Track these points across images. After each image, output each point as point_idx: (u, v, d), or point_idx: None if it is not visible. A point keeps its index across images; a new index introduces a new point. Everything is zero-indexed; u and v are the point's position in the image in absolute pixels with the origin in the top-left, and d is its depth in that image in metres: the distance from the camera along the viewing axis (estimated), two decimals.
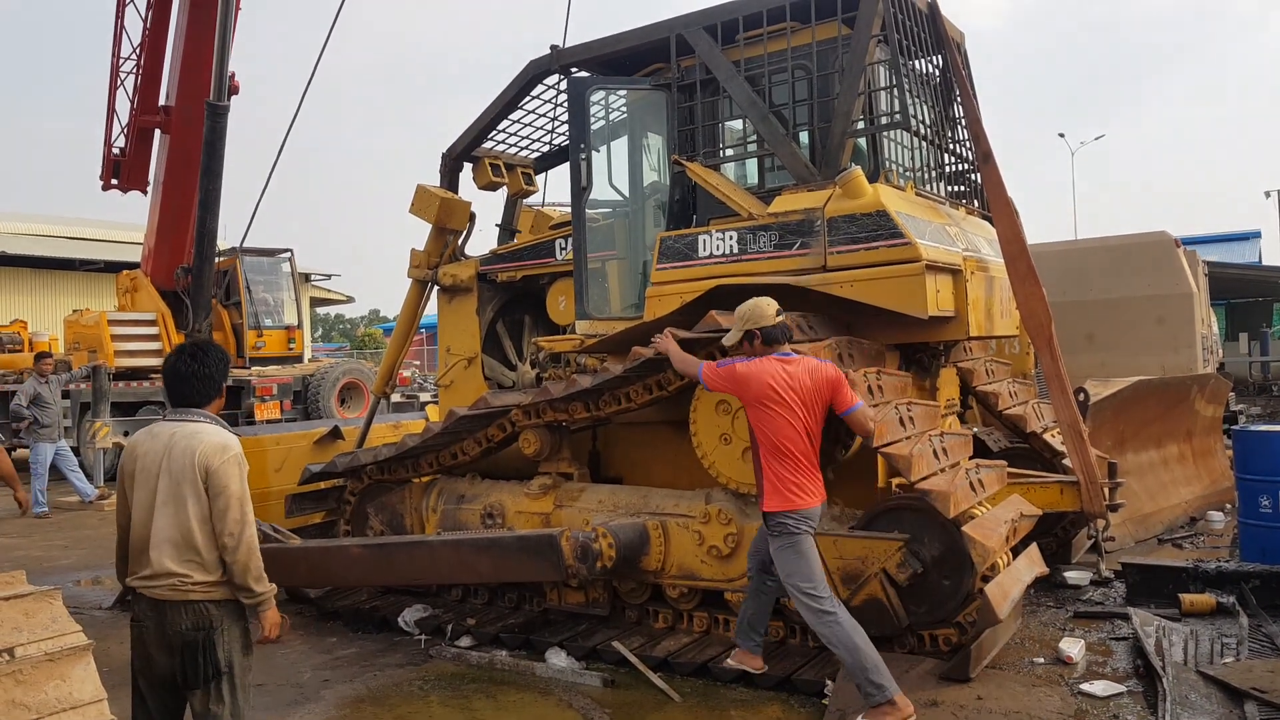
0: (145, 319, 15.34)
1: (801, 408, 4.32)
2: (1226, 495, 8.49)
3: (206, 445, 3.27)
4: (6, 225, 30.53)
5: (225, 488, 3.24)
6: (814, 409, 4.37)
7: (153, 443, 3.35)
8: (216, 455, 3.26)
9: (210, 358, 3.45)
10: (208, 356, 3.45)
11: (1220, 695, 4.30)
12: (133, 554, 3.35)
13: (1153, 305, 11.96)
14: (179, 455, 3.26)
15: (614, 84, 6.45)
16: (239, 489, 3.27)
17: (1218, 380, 9.52)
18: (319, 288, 32.22)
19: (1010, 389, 6.67)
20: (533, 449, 5.91)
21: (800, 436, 4.31)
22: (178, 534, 3.23)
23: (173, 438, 3.31)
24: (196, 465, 3.24)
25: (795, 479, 4.30)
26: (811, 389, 4.35)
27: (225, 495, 3.24)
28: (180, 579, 3.22)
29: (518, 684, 5.06)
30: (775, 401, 4.30)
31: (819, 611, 4.20)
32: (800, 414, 4.31)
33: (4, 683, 3.08)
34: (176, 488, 3.24)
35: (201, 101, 11.64)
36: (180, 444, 3.28)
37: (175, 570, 3.21)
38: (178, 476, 3.25)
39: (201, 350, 3.46)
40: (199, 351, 3.45)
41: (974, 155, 5.99)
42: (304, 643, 5.90)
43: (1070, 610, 5.87)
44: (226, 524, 3.23)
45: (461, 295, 7.29)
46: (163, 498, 3.25)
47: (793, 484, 4.29)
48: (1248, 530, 6.55)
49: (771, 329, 4.49)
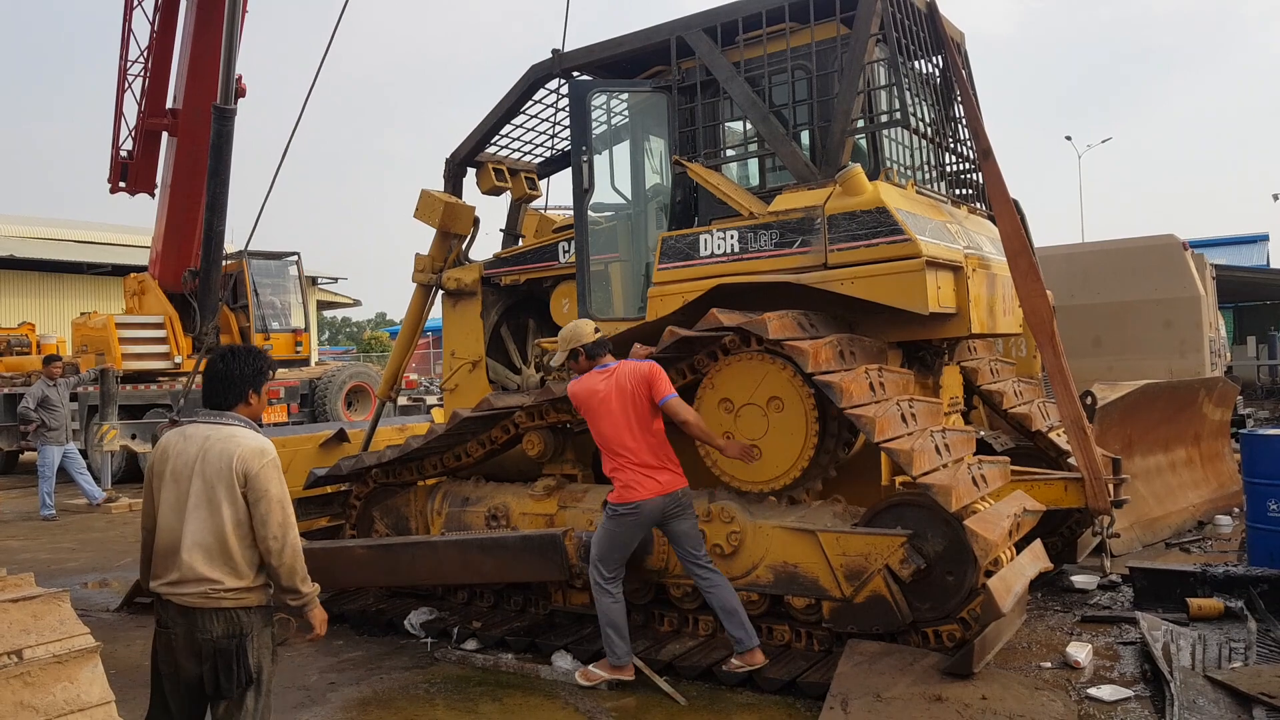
0: (153, 322, 15.41)
1: (622, 410, 4.81)
2: (1234, 499, 8.46)
3: (244, 449, 3.21)
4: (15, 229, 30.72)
5: (266, 492, 3.19)
6: (638, 406, 4.82)
7: (185, 444, 3.28)
8: (255, 460, 3.21)
9: (239, 359, 3.41)
10: (235, 358, 3.42)
11: (1228, 700, 4.27)
12: (158, 557, 3.27)
13: (1160, 308, 11.93)
14: (214, 458, 3.20)
15: (615, 87, 6.48)
16: (279, 492, 3.24)
17: (1225, 384, 9.49)
18: (326, 291, 32.31)
19: (1015, 388, 6.66)
20: (536, 450, 5.92)
21: (626, 435, 4.81)
22: (211, 538, 3.17)
23: (207, 440, 3.25)
24: (234, 470, 3.18)
25: (626, 475, 4.80)
26: (630, 390, 4.83)
27: (267, 499, 3.20)
28: (212, 586, 3.16)
29: (524, 687, 5.07)
30: (597, 410, 4.86)
31: (603, 589, 4.89)
32: (621, 416, 4.82)
33: (12, 685, 3.09)
34: (211, 491, 3.18)
35: (208, 104, 11.70)
36: (215, 447, 3.22)
37: (207, 576, 3.16)
38: (212, 480, 3.19)
39: (233, 352, 3.44)
40: (229, 353, 3.43)
41: (974, 153, 6.00)
42: (310, 645, 5.91)
43: (1077, 614, 5.85)
44: (270, 528, 3.19)
45: (466, 299, 7.31)
46: (195, 501, 3.19)
47: (623, 481, 4.81)
48: (1256, 534, 6.52)
49: (592, 345, 5.06)
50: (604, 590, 4.90)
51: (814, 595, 4.89)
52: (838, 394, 4.59)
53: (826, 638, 4.96)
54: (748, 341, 5.08)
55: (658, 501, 4.83)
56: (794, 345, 4.76)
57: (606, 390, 4.85)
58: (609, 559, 4.91)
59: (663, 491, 4.83)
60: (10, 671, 3.09)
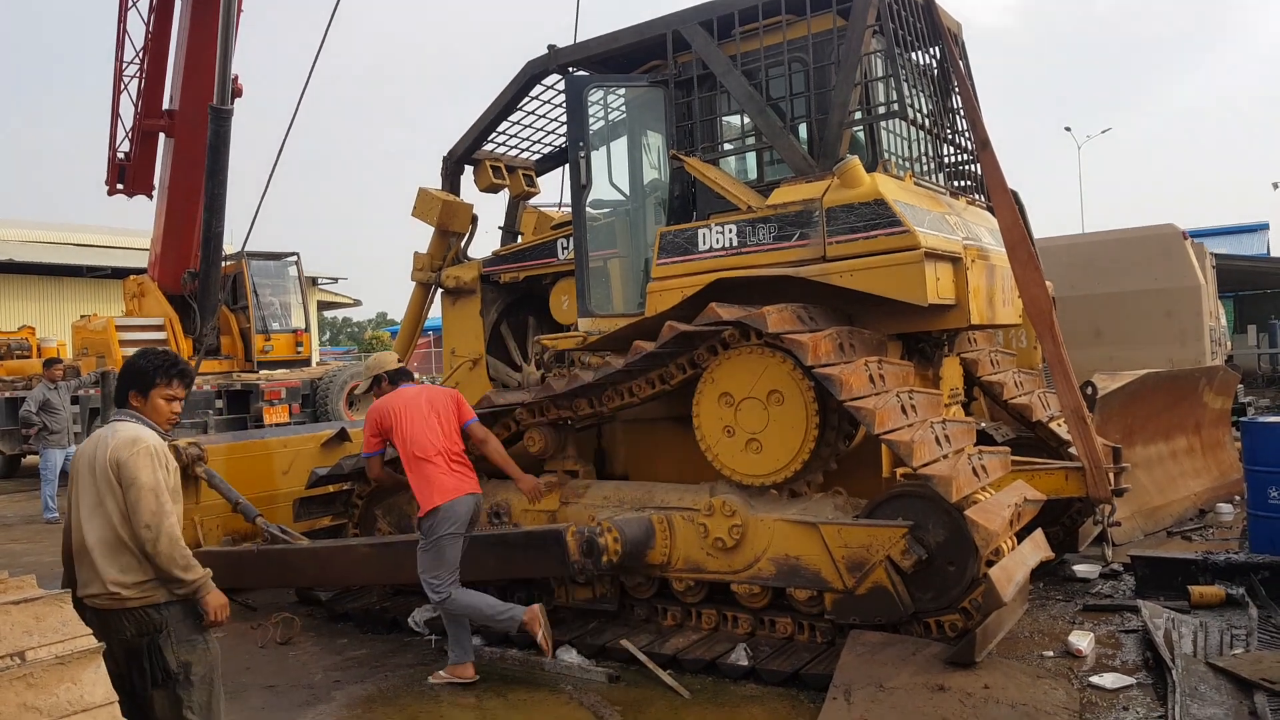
0: (153, 324, 15.39)
1: (431, 411, 5.23)
2: (1235, 487, 8.46)
3: (117, 440, 3.27)
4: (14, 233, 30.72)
5: (135, 479, 3.20)
6: (445, 414, 5.27)
7: (87, 445, 3.37)
8: (125, 449, 3.24)
9: (132, 361, 3.50)
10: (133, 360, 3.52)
11: (1230, 687, 4.28)
12: (75, 562, 3.33)
13: (1160, 298, 11.93)
14: (99, 455, 3.27)
15: (611, 82, 6.47)
16: (150, 479, 3.22)
17: (1226, 372, 9.48)
18: (326, 291, 32.31)
19: (1016, 378, 6.66)
20: (538, 447, 5.93)
21: (436, 434, 5.17)
22: (106, 533, 3.21)
23: (100, 438, 3.34)
24: (109, 462, 3.23)
25: (434, 476, 5.09)
26: (440, 401, 5.32)
27: (135, 487, 3.20)
28: (117, 587, 3.19)
29: (529, 682, 5.08)
30: (402, 411, 5.22)
31: (440, 598, 5.05)
32: (432, 416, 5.21)
33: (15, 686, 3.10)
34: (98, 488, 3.24)
35: (205, 104, 11.69)
36: (102, 443, 3.30)
37: (110, 578, 3.19)
38: (101, 476, 3.24)
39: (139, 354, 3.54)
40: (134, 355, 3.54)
41: (972, 144, 5.99)
42: (315, 644, 5.93)
43: (1079, 603, 5.86)
44: (141, 515, 3.18)
45: (465, 297, 7.31)
46: (91, 500, 3.25)
47: (431, 486, 5.08)
48: (1257, 522, 6.53)
49: (394, 371, 5.58)
50: (445, 599, 5.05)
51: (816, 587, 4.89)
52: (837, 386, 4.59)
53: (829, 630, 4.96)
54: (747, 335, 5.08)
55: (467, 500, 5.14)
56: (793, 338, 4.76)
57: (414, 396, 5.31)
58: (440, 570, 5.07)
59: (472, 490, 5.19)
60: (13, 673, 3.09)
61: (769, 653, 4.96)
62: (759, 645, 5.06)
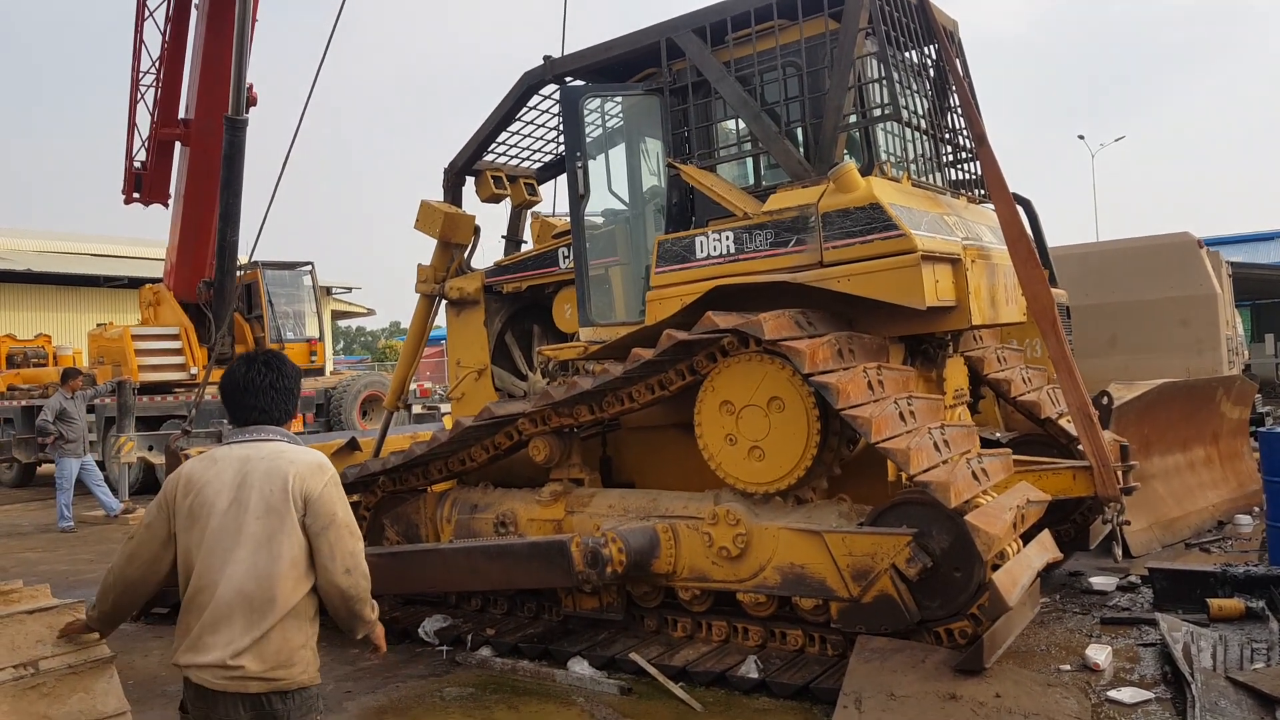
0: (169, 333, 15.51)
1: None
2: (1254, 498, 8.38)
3: (301, 467, 2.70)
4: (32, 243, 31.06)
5: (334, 516, 2.71)
6: None
7: (216, 469, 2.71)
8: (315, 478, 2.71)
9: (288, 368, 2.93)
10: (285, 366, 2.92)
11: (1250, 702, 4.22)
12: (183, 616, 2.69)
13: (1176, 307, 11.84)
14: (262, 482, 2.66)
15: (607, 91, 6.48)
16: (346, 515, 2.75)
17: (1243, 382, 9.40)
18: (339, 300, 32.49)
19: (1023, 375, 6.62)
20: (542, 456, 5.92)
21: None
22: (254, 585, 2.60)
23: (247, 462, 2.70)
24: (290, 492, 2.65)
25: None
26: None
27: (335, 525, 2.70)
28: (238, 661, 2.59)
29: (539, 693, 5.07)
30: None
31: None
32: None
33: (29, 696, 3.11)
34: (260, 523, 2.64)
35: (220, 113, 11.78)
36: (261, 468, 2.68)
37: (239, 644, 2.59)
38: (260, 509, 2.64)
39: (277, 359, 2.93)
40: (274, 360, 2.92)
41: (970, 141, 5.97)
42: (326, 654, 5.86)
43: (1096, 616, 5.80)
44: (339, 558, 2.68)
45: (469, 308, 7.33)
46: (235, 539, 2.63)
47: None
48: (1276, 533, 6.46)
49: None
50: None
51: (822, 596, 4.87)
52: (834, 395, 4.58)
53: (840, 642, 4.93)
54: (746, 343, 5.06)
55: None
56: (790, 346, 4.74)
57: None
58: None
59: None
60: (27, 683, 3.11)
61: (780, 665, 4.94)
62: (769, 657, 5.04)
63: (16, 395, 16.26)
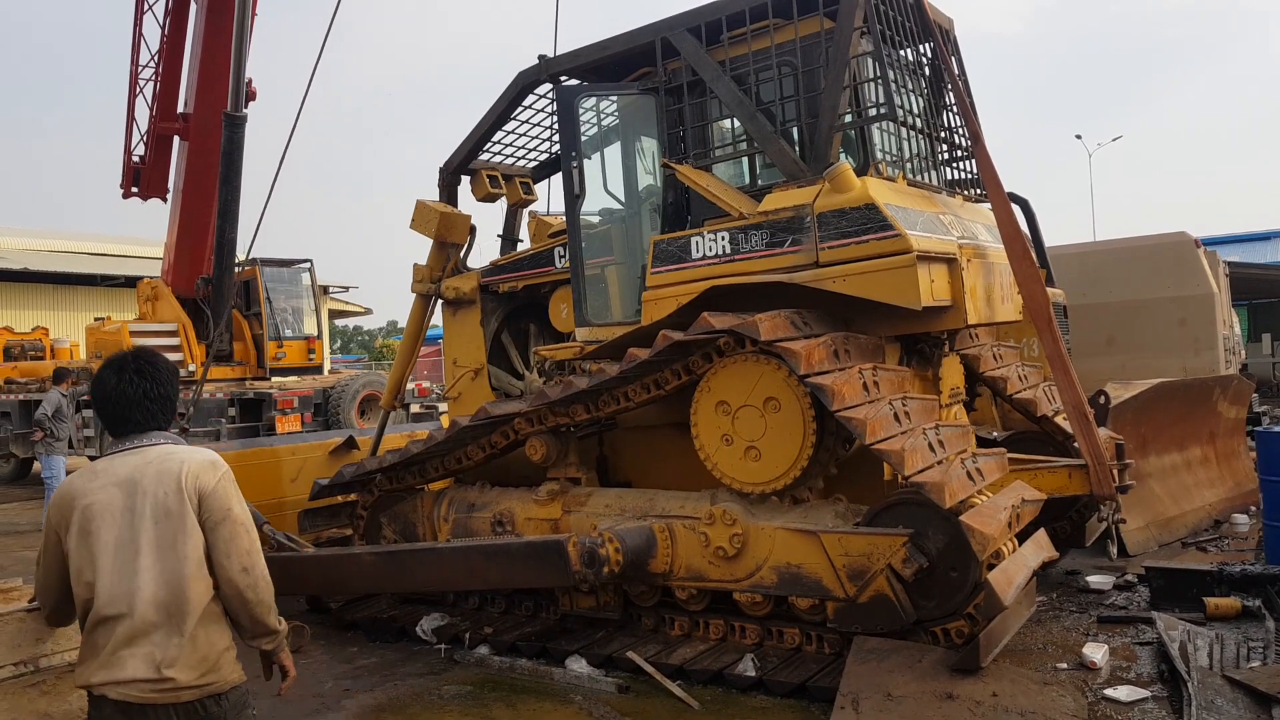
0: (166, 329, 15.46)
1: None
2: (1251, 497, 8.40)
3: (193, 464, 2.63)
4: (28, 242, 31.02)
5: (229, 511, 2.62)
6: None
7: (99, 482, 2.60)
8: (208, 474, 2.63)
9: (161, 373, 2.76)
10: (158, 372, 2.75)
11: (1247, 700, 4.24)
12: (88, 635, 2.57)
13: (1173, 307, 11.87)
14: (155, 485, 2.57)
15: (602, 90, 6.46)
16: (242, 512, 2.67)
17: (1240, 382, 9.42)
18: (337, 299, 32.48)
19: (1019, 373, 6.63)
20: (539, 455, 5.93)
21: None
22: (165, 591, 2.52)
23: (136, 470, 2.60)
24: (185, 489, 2.57)
25: None
26: None
27: (230, 521, 2.62)
28: (168, 674, 2.49)
29: (537, 692, 5.08)
30: None
31: None
32: None
33: (29, 694, 3.12)
34: (159, 528, 2.55)
35: (219, 108, 11.76)
36: (151, 472, 2.59)
37: (163, 655, 2.50)
38: (158, 513, 2.55)
39: (149, 365, 2.75)
40: (146, 366, 2.74)
41: (966, 139, 5.96)
42: (325, 652, 5.94)
43: (1093, 615, 5.82)
44: (235, 555, 2.60)
45: (465, 308, 7.33)
46: (136, 548, 2.53)
47: None
48: (1273, 532, 6.47)
49: None
50: None
51: (818, 596, 4.88)
52: (829, 396, 4.58)
53: (836, 641, 4.95)
54: (741, 343, 5.06)
55: None
56: (786, 346, 4.74)
57: None
58: None
59: None
60: (26, 680, 3.12)
61: (777, 663, 4.95)
62: (766, 656, 5.05)
63: (14, 389, 16.21)
